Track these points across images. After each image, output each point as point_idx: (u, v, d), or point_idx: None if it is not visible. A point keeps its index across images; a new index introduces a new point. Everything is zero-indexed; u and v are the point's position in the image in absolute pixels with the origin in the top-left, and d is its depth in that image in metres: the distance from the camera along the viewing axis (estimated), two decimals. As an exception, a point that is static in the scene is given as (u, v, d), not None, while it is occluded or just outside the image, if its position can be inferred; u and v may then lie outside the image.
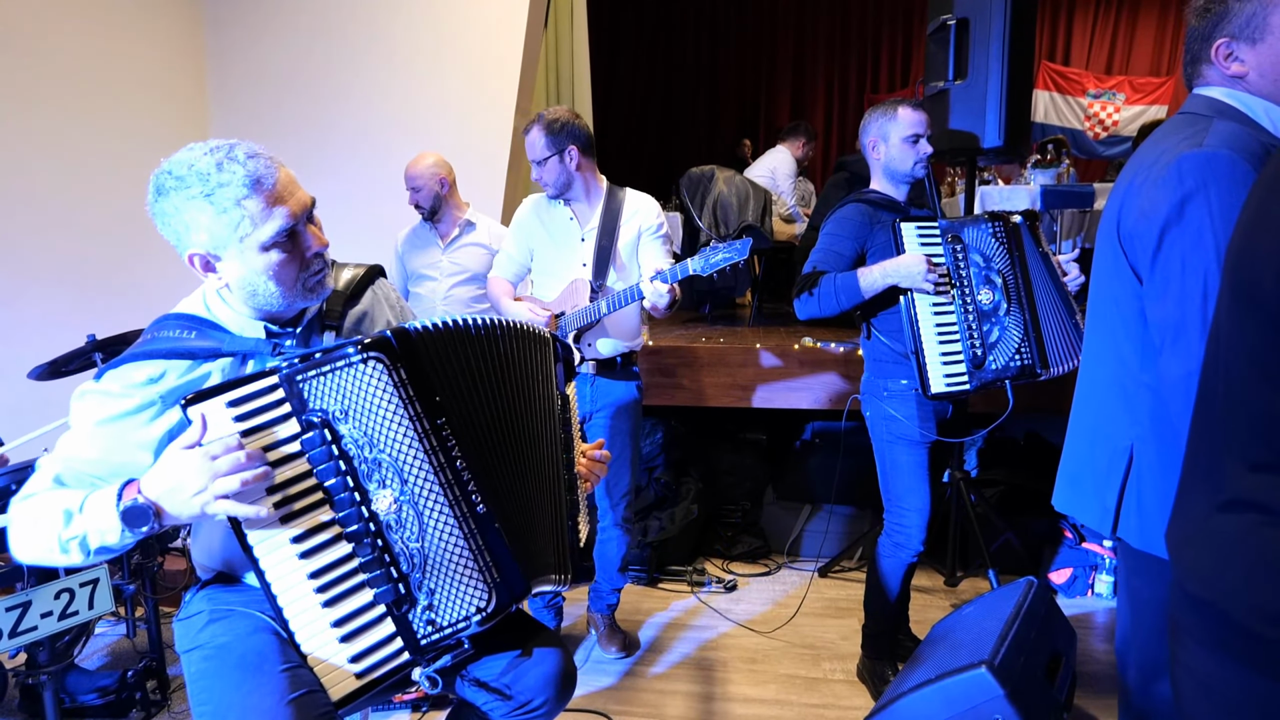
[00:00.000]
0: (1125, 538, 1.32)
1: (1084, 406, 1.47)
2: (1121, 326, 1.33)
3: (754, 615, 2.91)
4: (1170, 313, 1.19)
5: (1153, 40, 8.93)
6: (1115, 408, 1.35)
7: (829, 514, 3.41)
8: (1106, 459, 1.35)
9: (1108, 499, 1.34)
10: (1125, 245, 1.28)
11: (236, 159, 1.18)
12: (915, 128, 2.16)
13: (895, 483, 2.24)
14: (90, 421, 1.21)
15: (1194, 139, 1.19)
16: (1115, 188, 1.36)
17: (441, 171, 2.96)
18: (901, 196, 2.24)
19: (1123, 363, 1.33)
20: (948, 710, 1.69)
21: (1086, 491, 1.40)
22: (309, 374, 1.17)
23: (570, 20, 4.93)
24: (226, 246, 1.21)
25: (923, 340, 2.08)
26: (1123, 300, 1.31)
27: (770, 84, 9.58)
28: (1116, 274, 1.31)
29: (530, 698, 1.36)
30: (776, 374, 3.31)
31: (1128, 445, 1.32)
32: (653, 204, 2.40)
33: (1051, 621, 1.98)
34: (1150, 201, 1.21)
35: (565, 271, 2.39)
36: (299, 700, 1.16)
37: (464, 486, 1.25)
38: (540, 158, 2.31)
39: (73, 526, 1.13)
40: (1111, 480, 1.34)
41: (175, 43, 3.88)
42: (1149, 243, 1.22)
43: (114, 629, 2.75)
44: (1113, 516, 1.33)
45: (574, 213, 2.39)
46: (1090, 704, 2.30)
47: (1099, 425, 1.40)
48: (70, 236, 3.29)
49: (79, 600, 1.80)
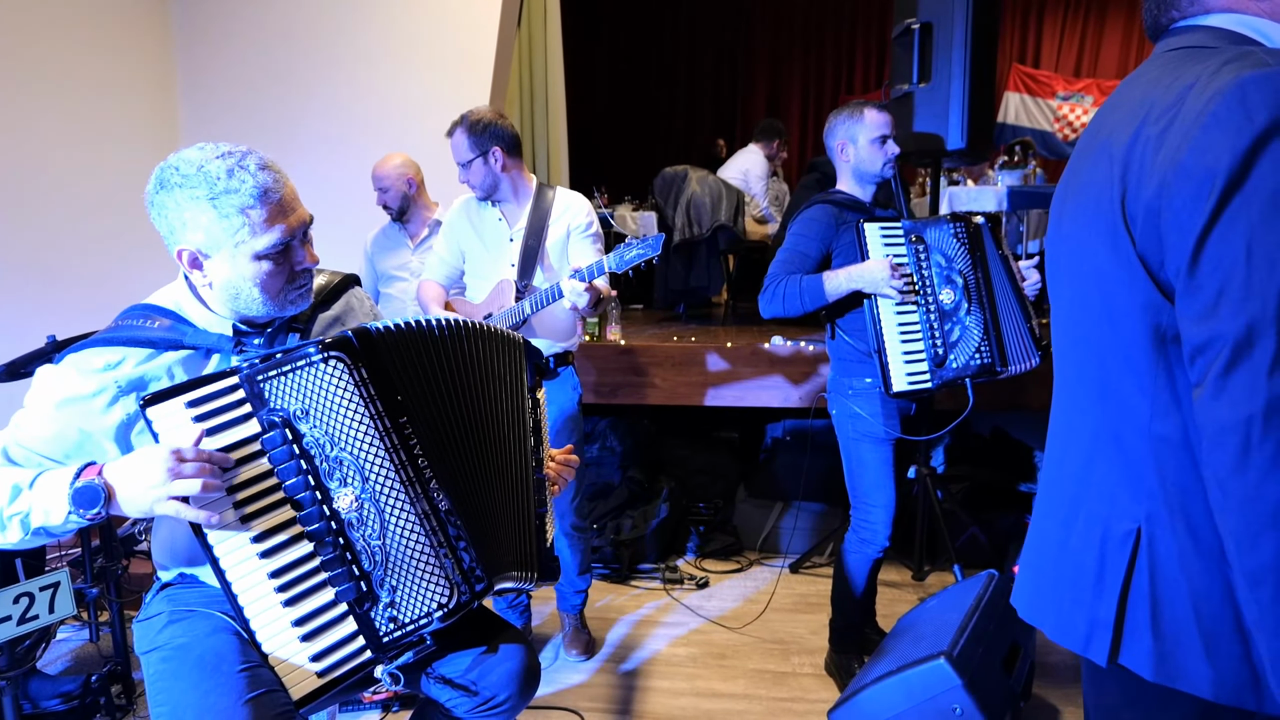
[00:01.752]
0: (1132, 666, 0.90)
1: (1056, 474, 1.04)
2: (1119, 355, 0.91)
3: (725, 612, 2.93)
4: (1227, 324, 0.77)
5: (1120, 43, 9.09)
6: (1107, 476, 0.94)
7: (800, 511, 3.44)
8: (1096, 551, 0.93)
9: (1100, 610, 0.92)
10: (1137, 228, 0.85)
11: (248, 168, 1.20)
12: (882, 129, 2.19)
13: (861, 480, 2.26)
14: (46, 402, 1.21)
15: (1242, 60, 0.80)
16: (1089, 149, 0.96)
17: (409, 172, 2.94)
18: (868, 197, 2.27)
19: (1120, 409, 0.92)
20: (908, 700, 1.73)
21: (1065, 599, 0.97)
22: (270, 374, 1.18)
23: (544, 19, 4.93)
24: (220, 249, 1.22)
25: (885, 339, 2.11)
26: (1123, 315, 0.89)
27: (747, 84, 9.64)
28: (1115, 276, 0.89)
29: (494, 693, 1.37)
30: (748, 373, 3.34)
31: (1131, 529, 0.90)
32: (582, 202, 2.39)
33: (1011, 613, 2.02)
34: (1193, 150, 0.79)
35: (494, 273, 2.38)
36: (257, 700, 1.16)
37: (425, 484, 1.26)
38: (464, 160, 2.30)
39: (18, 502, 1.13)
40: (1106, 582, 0.92)
41: (143, 39, 3.84)
42: (1192, 215, 0.79)
43: (78, 633, 2.72)
44: (1110, 635, 0.91)
45: (502, 213, 2.38)
46: (1050, 693, 2.35)
47: (1079, 502, 0.97)
48: (31, 237, 3.24)
49: (39, 604, 1.77)
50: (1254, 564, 0.75)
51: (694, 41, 9.55)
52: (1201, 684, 0.85)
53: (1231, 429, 0.76)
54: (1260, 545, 0.75)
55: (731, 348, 3.35)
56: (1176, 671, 0.86)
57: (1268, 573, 0.74)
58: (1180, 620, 0.86)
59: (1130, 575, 0.90)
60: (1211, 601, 0.84)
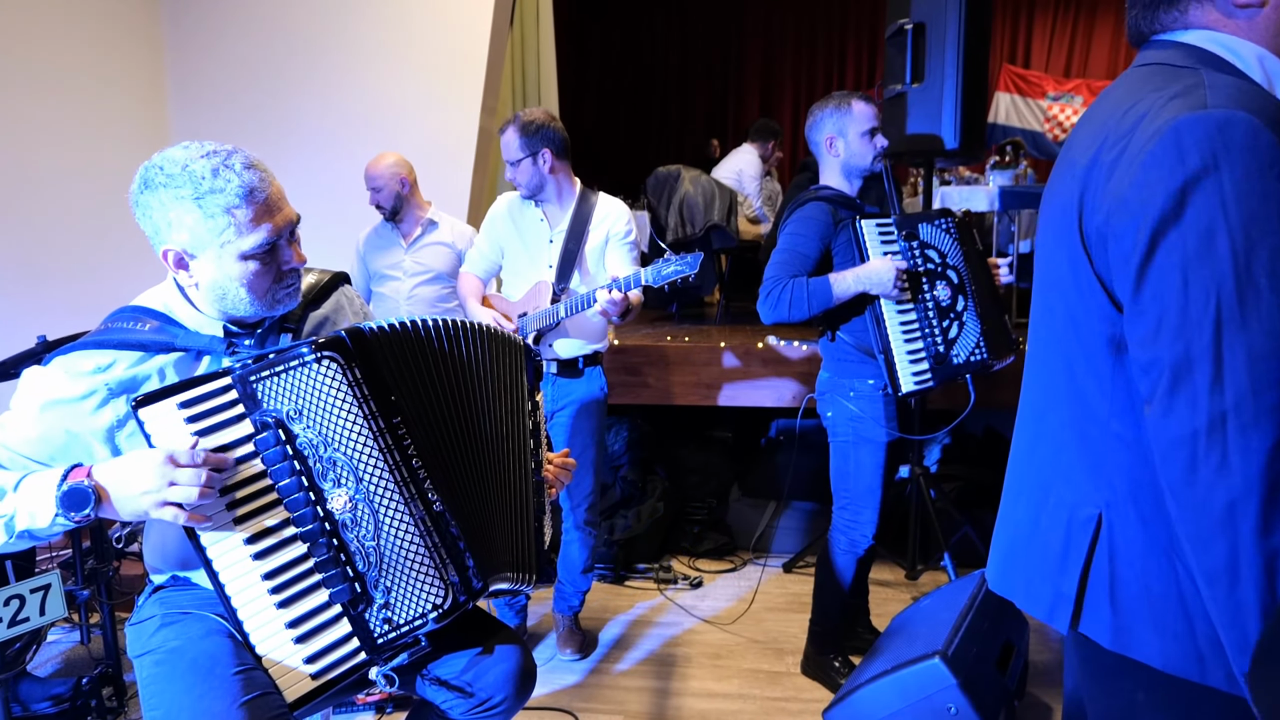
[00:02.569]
0: (1091, 634, 0.99)
1: (1026, 460, 1.12)
2: (1082, 358, 0.98)
3: (719, 611, 2.93)
4: (1167, 350, 0.83)
5: (1110, 45, 9.14)
6: (1073, 465, 1.01)
7: (794, 510, 3.45)
8: (1062, 532, 1.01)
9: (1064, 584, 1.00)
10: (1092, 248, 0.92)
11: (233, 168, 1.18)
12: (871, 120, 2.14)
13: (857, 483, 2.22)
14: (34, 404, 1.20)
15: (1188, 97, 0.85)
16: (1063, 162, 1.02)
17: (402, 171, 2.94)
18: (854, 192, 2.22)
19: (1084, 406, 0.99)
20: (903, 700, 1.74)
21: (1033, 573, 1.06)
22: (262, 374, 1.17)
23: (536, 18, 4.92)
24: (205, 249, 1.21)
25: (890, 340, 2.08)
26: (1084, 322, 0.96)
27: (739, 84, 9.65)
28: (1075, 286, 0.96)
29: (490, 695, 1.36)
30: (742, 372, 3.34)
31: (1093, 514, 0.98)
32: (623, 210, 2.42)
33: (1004, 612, 2.03)
34: (1133, 186, 0.85)
35: (532, 272, 2.40)
36: (252, 703, 1.16)
37: (420, 485, 1.25)
38: (514, 159, 2.32)
39: (3, 505, 1.12)
40: (1070, 560, 1.00)
41: (132, 38, 3.81)
42: (1133, 247, 0.85)
43: (68, 635, 2.70)
44: (1072, 606, 0.99)
45: (545, 214, 2.40)
46: (1043, 692, 2.36)
47: (1049, 487, 1.05)
48: (21, 236, 3.21)
49: (30, 606, 1.76)
50: (1209, 564, 0.82)
51: (686, 40, 9.56)
52: (1152, 655, 0.93)
53: (1179, 443, 0.83)
54: (1213, 548, 0.81)
55: (725, 347, 3.35)
56: (1131, 642, 0.95)
57: (1221, 572, 0.81)
58: (1134, 597, 0.95)
59: (1091, 555, 0.98)
60: (1159, 583, 0.92)
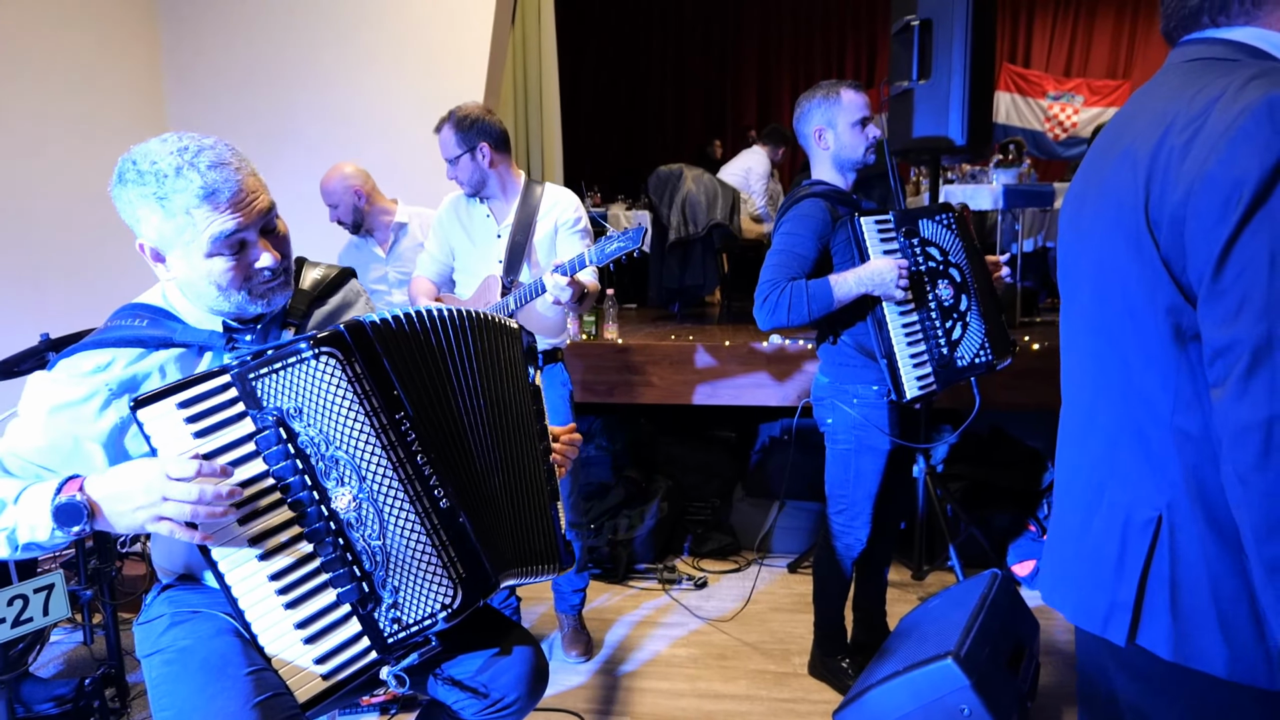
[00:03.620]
0: (1150, 646, 0.94)
1: (1075, 464, 1.08)
2: (1139, 352, 0.95)
3: (724, 612, 2.92)
4: (1248, 331, 0.81)
5: (1109, 44, 9.16)
6: (1130, 465, 0.97)
7: (797, 510, 3.43)
8: (1118, 537, 0.97)
9: (1120, 592, 0.96)
10: (1160, 232, 0.89)
11: (197, 167, 1.14)
12: (862, 110, 2.04)
13: (856, 490, 2.17)
14: (39, 410, 1.19)
15: (1268, 78, 0.84)
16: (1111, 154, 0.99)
17: (354, 183, 2.80)
18: (849, 186, 2.12)
19: (1143, 402, 0.95)
20: (915, 701, 1.72)
21: (1086, 583, 1.01)
22: (261, 371, 1.15)
23: (538, 17, 4.91)
24: (172, 247, 1.19)
25: (893, 343, 2.00)
26: (1145, 314, 0.93)
27: (736, 84, 9.65)
28: (1139, 276, 0.93)
29: (504, 694, 1.35)
30: (745, 371, 3.33)
31: (1152, 517, 0.94)
32: (571, 198, 2.37)
33: (1015, 612, 2.02)
34: (1220, 163, 0.82)
35: (482, 269, 2.36)
36: (264, 704, 1.14)
37: (425, 482, 1.23)
38: (452, 156, 2.28)
39: (4, 517, 1.10)
40: (1127, 566, 0.96)
41: (128, 33, 3.79)
42: (1217, 222, 0.83)
43: (70, 636, 2.68)
44: (1129, 617, 0.95)
45: (490, 210, 2.36)
46: (1053, 693, 2.35)
47: (1102, 490, 1.01)
48: (23, 233, 3.19)
49: (33, 606, 1.74)
50: (1272, 553, 0.81)
51: (683, 41, 9.55)
52: (1217, 663, 0.90)
53: (1254, 428, 0.80)
54: (1278, 536, 0.80)
55: (729, 346, 3.34)
56: (1193, 651, 0.91)
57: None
58: (1199, 603, 0.91)
59: (1150, 560, 0.94)
60: (1230, 586, 0.89)
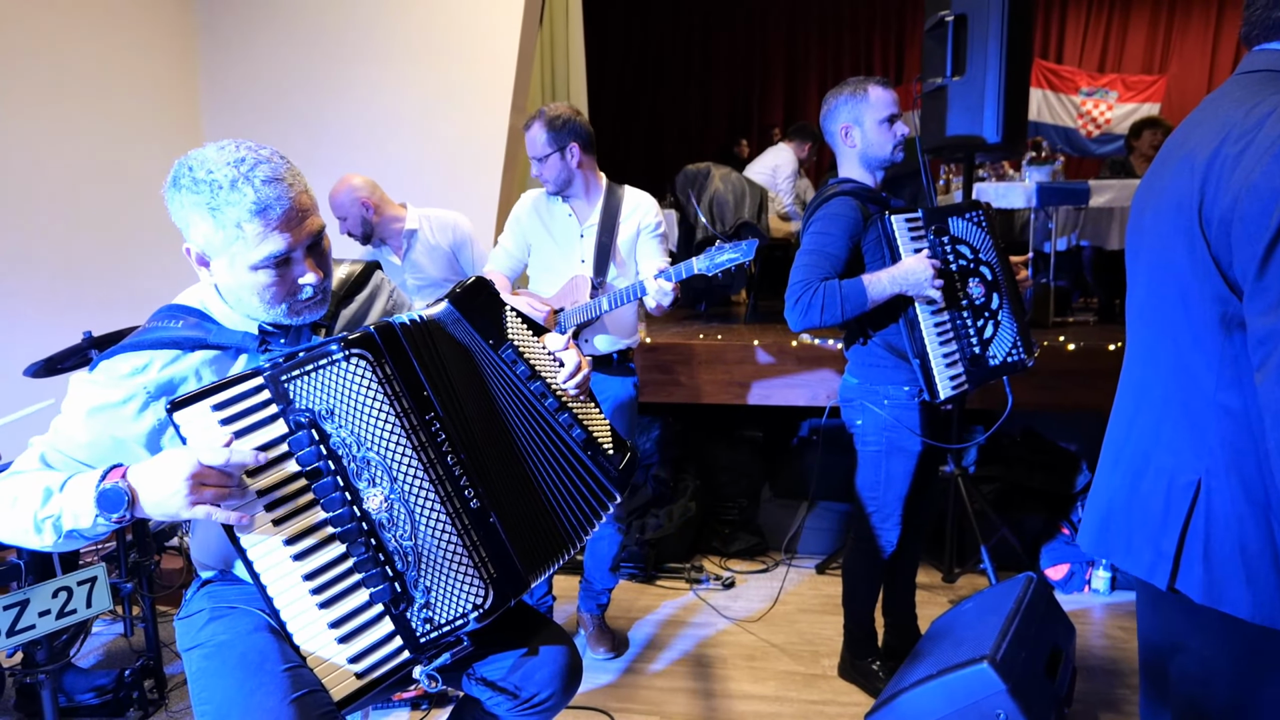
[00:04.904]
0: (1186, 590, 1.10)
1: (1126, 432, 1.23)
2: (1189, 335, 1.08)
3: (752, 612, 2.91)
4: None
5: (1145, 38, 8.97)
6: (1175, 435, 1.12)
7: (825, 511, 3.41)
8: (1163, 496, 1.12)
9: (1163, 544, 1.11)
10: (1211, 233, 1.01)
11: (252, 182, 1.15)
12: (890, 107, 2.02)
13: (887, 491, 2.15)
14: (80, 410, 1.21)
15: None
16: (1174, 158, 1.11)
17: (361, 195, 2.74)
18: (876, 184, 2.10)
19: (1190, 380, 1.09)
20: (950, 705, 1.70)
21: (1134, 534, 1.17)
22: (293, 373, 1.16)
23: (565, 18, 4.92)
24: (219, 255, 1.20)
25: (926, 343, 1.99)
26: (1197, 303, 1.06)
27: (763, 83, 9.59)
28: (1192, 269, 1.05)
29: (537, 691, 1.36)
30: (773, 371, 3.31)
31: (1192, 480, 1.09)
32: (652, 202, 2.40)
33: (1051, 617, 1.99)
34: (1265, 175, 0.94)
35: (564, 268, 2.39)
36: (301, 700, 1.15)
37: (456, 482, 1.24)
38: (541, 154, 2.30)
39: (50, 505, 1.13)
40: (1170, 522, 1.11)
41: (167, 41, 3.86)
42: (1260, 230, 0.94)
43: (110, 628, 2.74)
44: (1170, 564, 1.10)
45: (573, 209, 2.39)
46: (1089, 698, 2.31)
47: (1150, 455, 1.16)
48: (65, 235, 3.26)
49: (77, 598, 1.78)
50: None
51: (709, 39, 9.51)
52: (1242, 606, 1.04)
53: None
54: None
55: (758, 345, 3.32)
56: (1221, 596, 1.06)
57: None
58: (1228, 555, 1.06)
59: (1190, 518, 1.09)
60: (1256, 543, 1.03)
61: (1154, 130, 4.57)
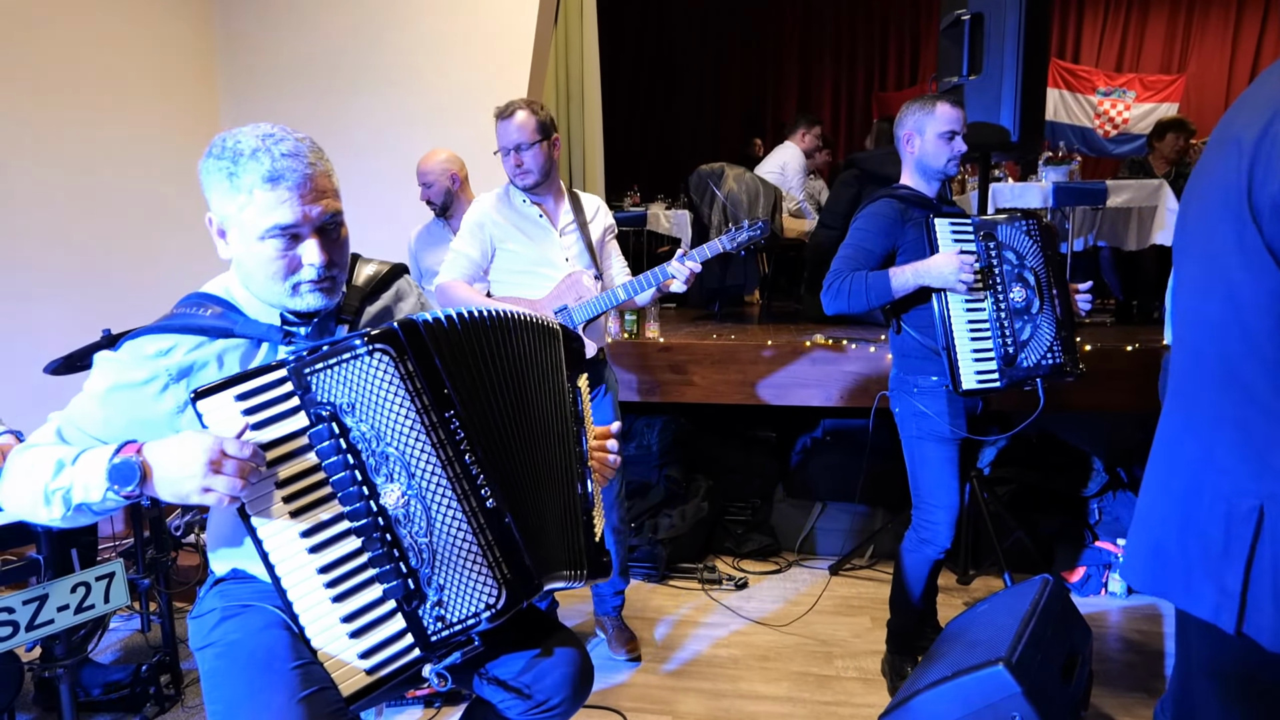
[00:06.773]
0: (1254, 635, 0.96)
1: (1173, 452, 1.09)
2: (1241, 341, 0.97)
3: (765, 613, 2.90)
4: None
5: (1163, 38, 8.86)
6: (1229, 455, 0.99)
7: (840, 512, 3.39)
8: (1222, 526, 0.99)
9: (1229, 580, 0.97)
10: (1262, 219, 0.92)
11: (272, 153, 1.18)
12: (951, 124, 2.15)
13: (924, 479, 2.23)
14: (102, 386, 1.23)
15: None
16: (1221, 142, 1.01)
17: (453, 168, 2.95)
18: (932, 193, 2.23)
19: (1243, 390, 0.97)
20: (964, 707, 1.69)
21: (1193, 570, 1.02)
22: (316, 366, 1.16)
23: (580, 17, 4.92)
24: (231, 224, 1.22)
25: (954, 336, 2.09)
26: (1246, 300, 0.95)
27: (777, 83, 9.56)
28: (1243, 263, 0.95)
29: (548, 696, 1.35)
30: (786, 371, 3.30)
31: (1254, 506, 0.95)
32: (603, 204, 2.50)
33: (1067, 619, 1.97)
34: None
35: (543, 269, 2.35)
36: (310, 698, 1.15)
37: (473, 481, 1.23)
38: (530, 140, 2.25)
39: (61, 477, 1.14)
40: (1233, 555, 0.97)
41: (184, 37, 3.89)
42: None
43: (128, 623, 2.76)
44: (1237, 606, 0.96)
45: (543, 210, 2.37)
46: (1105, 702, 2.28)
47: (1201, 479, 1.02)
48: (84, 232, 3.30)
49: (95, 594, 1.80)
50: None
51: (723, 39, 9.49)
52: None
53: None
54: None
55: (770, 346, 3.31)
56: None
57: None
58: None
59: (1254, 549, 0.95)
60: None
61: (1177, 134, 4.52)
